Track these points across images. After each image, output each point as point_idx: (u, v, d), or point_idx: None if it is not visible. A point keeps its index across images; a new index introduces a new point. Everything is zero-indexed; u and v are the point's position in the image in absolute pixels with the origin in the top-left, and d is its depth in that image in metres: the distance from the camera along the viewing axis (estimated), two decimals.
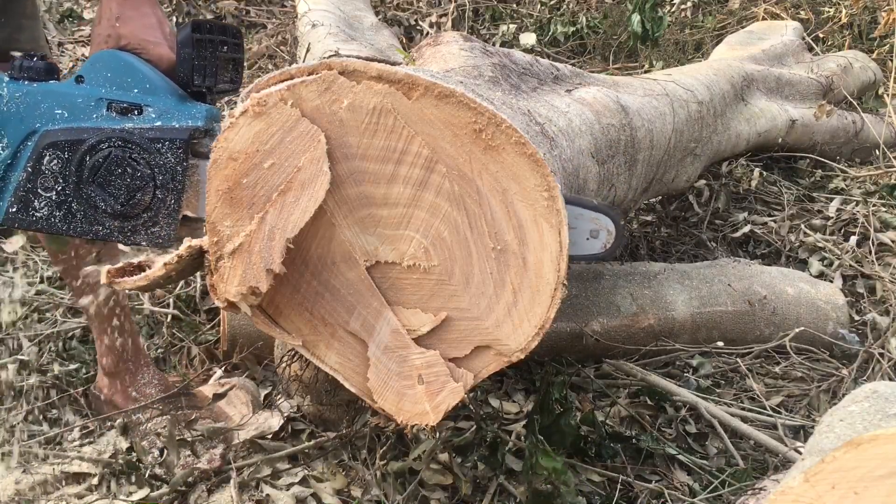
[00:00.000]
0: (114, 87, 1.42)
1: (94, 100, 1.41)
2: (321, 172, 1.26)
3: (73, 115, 1.41)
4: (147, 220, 1.39)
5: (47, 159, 1.40)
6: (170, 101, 1.40)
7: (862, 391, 1.24)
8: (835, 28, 4.93)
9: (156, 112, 1.39)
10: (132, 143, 1.38)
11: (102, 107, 1.40)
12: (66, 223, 1.42)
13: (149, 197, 1.38)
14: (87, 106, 1.41)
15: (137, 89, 1.41)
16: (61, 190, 1.41)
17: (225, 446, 2.08)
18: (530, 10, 5.35)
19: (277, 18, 5.34)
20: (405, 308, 1.34)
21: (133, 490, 1.99)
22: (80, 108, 1.41)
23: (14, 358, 2.46)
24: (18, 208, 1.43)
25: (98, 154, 1.38)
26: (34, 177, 1.41)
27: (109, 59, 1.44)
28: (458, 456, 2.00)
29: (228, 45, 1.52)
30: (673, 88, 2.81)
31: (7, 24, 1.92)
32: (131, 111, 1.40)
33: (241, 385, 2.29)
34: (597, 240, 1.66)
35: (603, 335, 2.43)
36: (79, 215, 1.41)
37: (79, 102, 1.41)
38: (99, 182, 1.39)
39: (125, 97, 1.41)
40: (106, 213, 1.40)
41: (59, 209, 1.42)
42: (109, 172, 1.38)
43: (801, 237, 3.28)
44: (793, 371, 2.50)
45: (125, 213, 1.39)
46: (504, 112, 1.29)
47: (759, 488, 1.42)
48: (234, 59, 1.55)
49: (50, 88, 1.44)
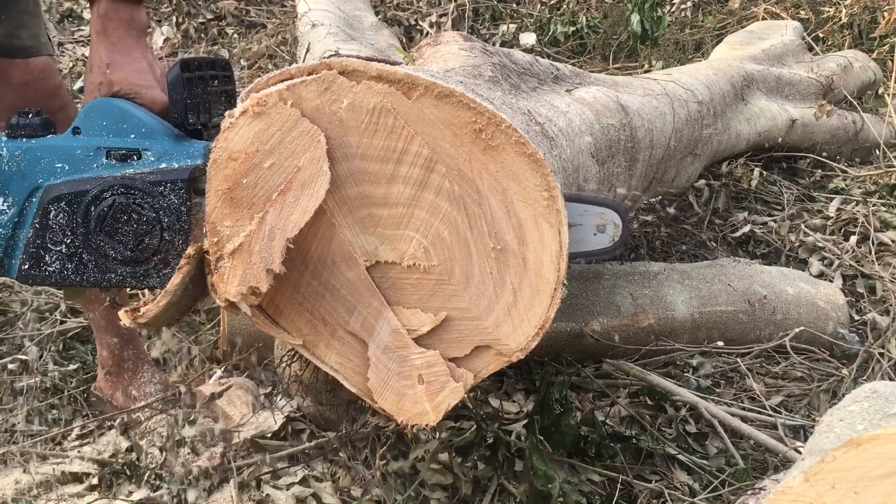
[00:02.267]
0: (111, 134, 1.42)
1: (93, 149, 1.41)
2: (321, 172, 1.26)
3: (74, 167, 1.41)
4: (158, 263, 1.40)
5: (53, 213, 1.41)
6: (167, 143, 1.41)
7: (862, 391, 1.24)
8: (835, 28, 4.92)
9: (154, 155, 1.39)
10: (135, 188, 1.38)
11: (102, 155, 1.41)
12: (78, 274, 1.43)
13: (157, 240, 1.39)
14: (87, 156, 1.41)
15: (134, 134, 1.41)
16: (70, 242, 1.42)
17: (225, 446, 2.08)
18: (530, 10, 5.35)
19: (277, 18, 5.34)
20: (405, 308, 1.34)
21: (133, 490, 1.99)
22: (79, 160, 1.41)
23: (14, 358, 2.47)
24: (30, 265, 1.44)
25: (102, 203, 1.39)
26: (42, 232, 1.42)
27: (103, 107, 1.44)
28: (459, 456, 2.00)
29: (219, 79, 1.52)
30: (673, 88, 2.81)
31: (7, 21, 1.92)
32: (130, 157, 1.40)
33: (241, 385, 2.29)
34: (604, 234, 1.66)
35: (603, 335, 2.43)
36: (90, 265, 1.42)
37: (78, 154, 1.41)
38: (106, 231, 1.39)
39: (123, 143, 1.41)
40: (117, 261, 1.41)
41: (71, 261, 1.42)
42: (116, 220, 1.39)
43: (801, 237, 3.28)
44: (793, 371, 2.50)
45: (135, 258, 1.40)
46: (504, 112, 1.29)
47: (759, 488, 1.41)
48: (226, 91, 1.55)
49: (48, 143, 1.44)
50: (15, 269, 1.45)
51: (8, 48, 1.93)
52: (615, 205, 1.67)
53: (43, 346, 2.54)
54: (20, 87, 1.97)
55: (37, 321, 2.68)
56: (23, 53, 1.96)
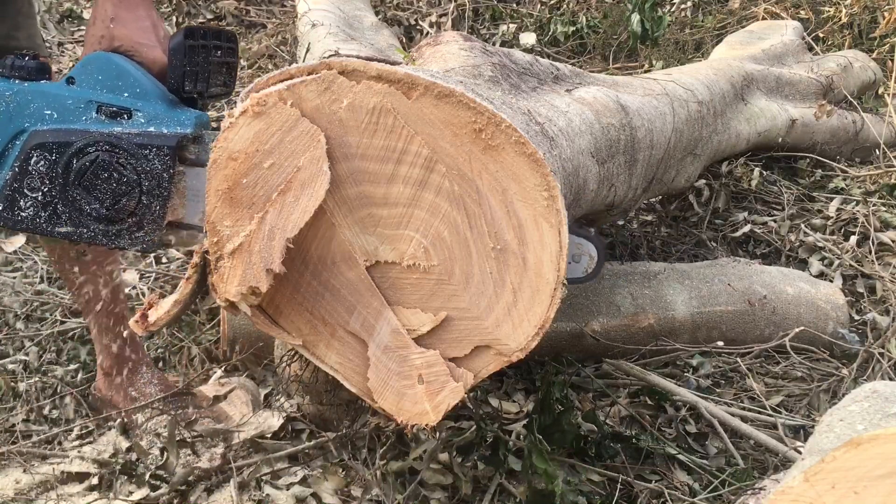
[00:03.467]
0: (104, 89, 1.41)
1: (84, 102, 1.41)
2: (321, 172, 1.26)
3: (63, 117, 1.41)
4: (132, 225, 1.39)
5: (34, 160, 1.40)
6: (160, 107, 1.40)
7: (862, 391, 1.24)
8: (835, 28, 4.92)
9: (145, 117, 1.39)
10: (120, 147, 1.38)
11: (92, 109, 1.40)
12: (50, 224, 1.42)
13: (134, 202, 1.38)
14: (77, 108, 1.41)
15: (128, 93, 1.41)
16: (47, 191, 1.41)
17: (225, 446, 2.08)
18: (530, 9, 5.35)
19: (277, 18, 5.34)
20: (405, 308, 1.34)
21: (133, 490, 1.99)
22: (69, 110, 1.41)
23: (14, 358, 2.47)
24: (4, 207, 1.43)
25: (85, 158, 1.38)
26: (21, 176, 1.41)
27: (101, 61, 1.44)
28: (459, 456, 2.00)
29: (222, 50, 1.52)
30: (673, 88, 2.81)
31: (3, 23, 1.92)
32: (121, 115, 1.39)
33: (241, 385, 2.29)
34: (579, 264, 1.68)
35: (603, 335, 2.43)
36: (64, 217, 1.41)
37: (68, 104, 1.41)
38: (85, 185, 1.39)
39: (115, 101, 1.40)
40: (91, 217, 1.40)
41: (45, 210, 1.42)
42: (96, 176, 1.38)
43: (801, 237, 3.28)
44: (793, 371, 2.50)
45: (110, 217, 1.39)
46: (504, 112, 1.29)
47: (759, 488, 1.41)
48: (228, 62, 1.55)
49: (40, 88, 1.44)
50: None
51: (4, 49, 1.93)
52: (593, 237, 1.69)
53: (43, 346, 2.54)
54: None
55: (37, 321, 2.68)
56: None
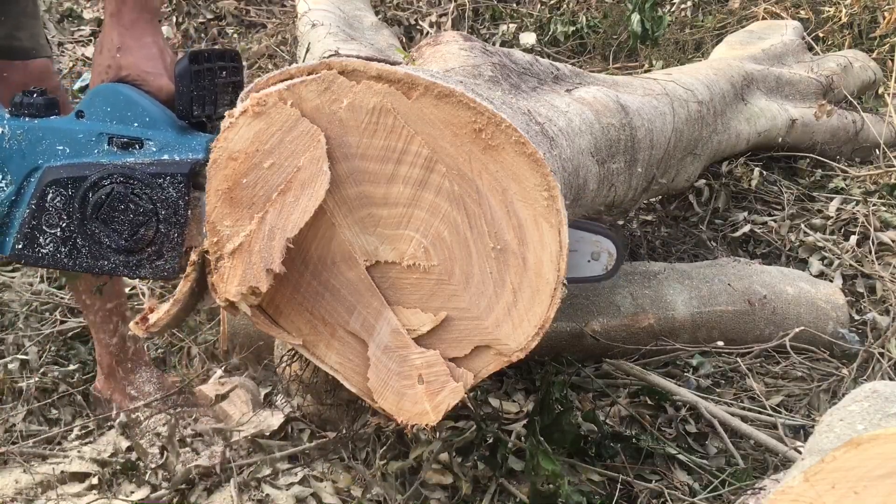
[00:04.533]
0: (114, 121, 1.42)
1: (95, 135, 1.41)
2: (321, 172, 1.26)
3: (75, 151, 1.41)
4: (151, 254, 1.40)
5: (51, 196, 1.41)
6: (170, 134, 1.40)
7: (862, 391, 1.24)
8: (835, 28, 4.92)
9: (156, 145, 1.39)
10: (134, 178, 1.38)
11: (103, 142, 1.40)
12: (71, 259, 1.43)
13: (152, 232, 1.39)
14: (88, 141, 1.41)
15: (138, 123, 1.41)
16: (66, 226, 1.42)
17: (225, 444, 2.08)
18: (530, 9, 5.35)
19: (277, 18, 5.34)
20: (405, 308, 1.34)
21: (133, 490, 1.99)
22: (81, 144, 1.41)
23: (14, 358, 2.47)
24: (24, 245, 1.44)
25: (101, 191, 1.39)
26: (38, 213, 1.42)
27: (109, 93, 1.44)
28: (459, 456, 2.00)
29: (227, 70, 1.52)
30: (673, 88, 2.81)
31: (6, 22, 1.92)
32: (132, 145, 1.40)
33: (242, 384, 2.29)
34: (598, 262, 1.67)
35: (603, 335, 2.43)
36: (84, 251, 1.42)
37: (80, 138, 1.41)
38: (102, 218, 1.39)
39: (126, 131, 1.41)
40: (111, 249, 1.41)
41: (65, 245, 1.42)
42: (112, 209, 1.39)
43: (801, 237, 3.28)
44: (793, 371, 2.50)
45: (129, 248, 1.40)
46: (504, 111, 1.29)
47: (759, 488, 1.41)
48: (234, 82, 1.55)
49: (51, 125, 1.44)
50: (9, 248, 1.45)
51: (7, 50, 1.93)
52: (611, 234, 1.69)
53: (43, 346, 2.54)
54: (18, 89, 1.96)
55: (37, 321, 2.68)
56: (21, 55, 1.96)
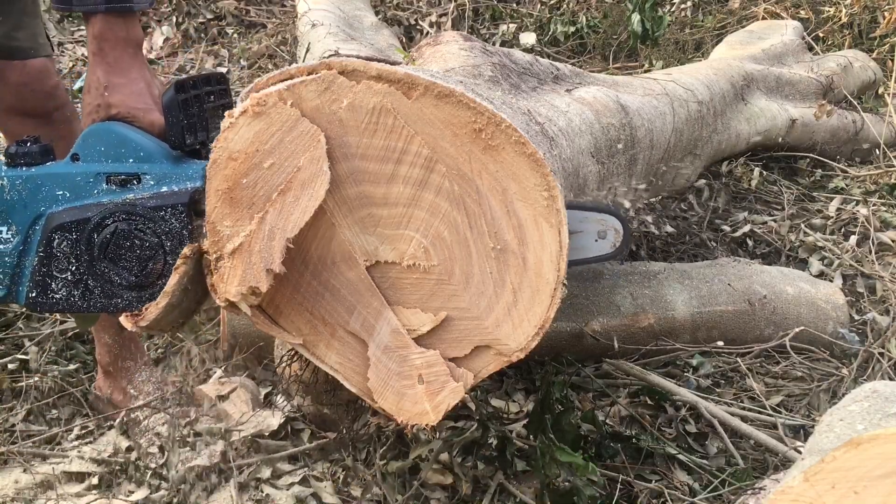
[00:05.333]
0: (109, 159, 1.42)
1: (93, 175, 1.42)
2: (321, 172, 1.26)
3: (75, 194, 1.42)
4: (162, 286, 1.40)
5: (57, 242, 1.42)
6: (166, 166, 1.41)
7: (862, 391, 1.24)
8: (835, 27, 4.92)
9: (154, 178, 1.40)
10: (136, 214, 1.39)
11: (101, 181, 1.41)
12: (85, 301, 1.44)
13: (160, 264, 1.39)
14: (87, 183, 1.42)
15: (133, 158, 1.42)
16: (76, 269, 1.43)
17: (225, 444, 2.08)
18: (530, 9, 5.35)
19: (277, 18, 5.34)
20: (405, 308, 1.34)
21: (133, 490, 1.99)
22: (80, 186, 1.42)
23: (14, 358, 2.46)
24: (38, 293, 1.45)
25: (105, 230, 1.40)
26: (47, 260, 1.43)
27: (101, 132, 1.45)
28: (459, 456, 2.00)
29: (215, 94, 1.53)
30: (673, 88, 2.81)
31: (5, 22, 1.92)
32: (130, 181, 1.41)
33: (242, 384, 2.29)
34: (605, 240, 1.67)
35: (603, 335, 2.43)
36: (96, 291, 1.43)
37: (78, 181, 1.42)
38: (110, 258, 1.40)
39: (122, 168, 1.41)
40: (122, 286, 1.42)
41: (77, 288, 1.43)
42: (119, 247, 1.40)
43: (801, 237, 3.28)
44: (793, 371, 2.50)
45: (140, 283, 1.41)
46: (504, 111, 1.29)
47: (758, 488, 1.41)
48: (223, 104, 1.55)
49: (48, 171, 1.45)
50: (23, 297, 1.46)
51: (6, 49, 1.93)
52: (616, 211, 1.68)
53: (43, 346, 2.54)
54: (18, 88, 1.96)
55: (37, 321, 2.68)
56: (21, 55, 1.96)
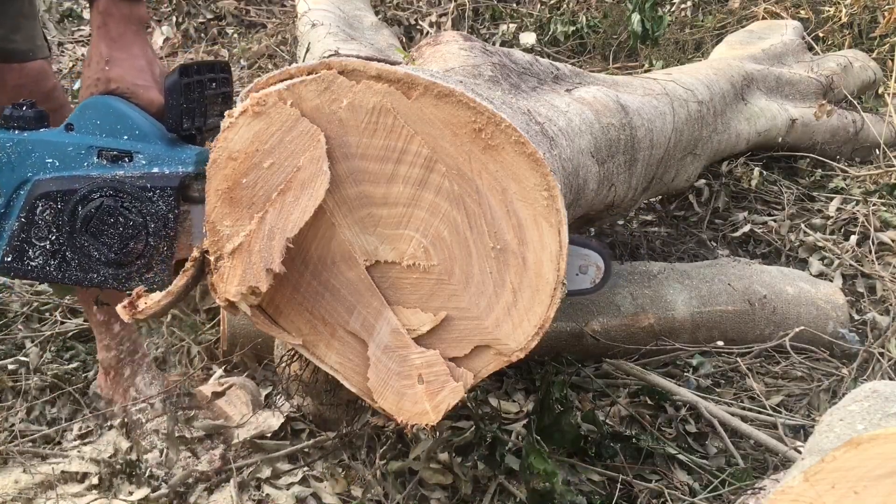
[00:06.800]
0: (104, 134, 1.42)
1: (85, 148, 1.41)
2: (321, 172, 1.26)
3: (64, 164, 1.41)
4: (141, 267, 1.40)
5: (40, 209, 1.41)
6: (160, 148, 1.41)
7: (862, 391, 1.24)
8: (835, 27, 4.92)
9: (146, 158, 1.40)
10: (123, 191, 1.38)
11: (93, 154, 1.41)
12: (60, 272, 1.43)
13: (142, 245, 1.39)
14: (78, 154, 1.41)
15: (127, 136, 1.41)
16: (55, 239, 1.42)
17: (225, 446, 2.08)
18: (530, 9, 5.35)
19: (277, 18, 5.34)
20: (405, 308, 1.34)
21: (133, 490, 1.99)
22: (70, 157, 1.41)
23: (14, 358, 2.46)
24: (13, 258, 1.44)
25: (90, 204, 1.39)
26: (28, 227, 1.42)
27: (99, 105, 1.44)
28: (458, 456, 2.00)
29: (217, 81, 1.53)
30: (673, 88, 2.81)
31: (3, 24, 1.91)
32: (122, 158, 1.40)
33: (241, 384, 2.28)
34: (586, 275, 1.68)
35: (603, 335, 2.43)
36: (73, 264, 1.42)
37: (69, 151, 1.41)
38: (92, 232, 1.40)
39: (115, 144, 1.41)
40: (100, 262, 1.41)
41: (54, 258, 1.42)
42: (102, 222, 1.39)
43: (801, 237, 3.28)
44: (793, 370, 2.50)
45: (119, 261, 1.40)
46: (504, 111, 1.29)
47: (758, 488, 1.41)
48: (224, 93, 1.55)
49: (40, 137, 1.44)
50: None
51: (3, 52, 1.92)
52: (599, 248, 1.70)
53: (43, 346, 2.54)
54: (14, 90, 1.96)
55: (37, 321, 2.68)
56: (18, 57, 1.95)
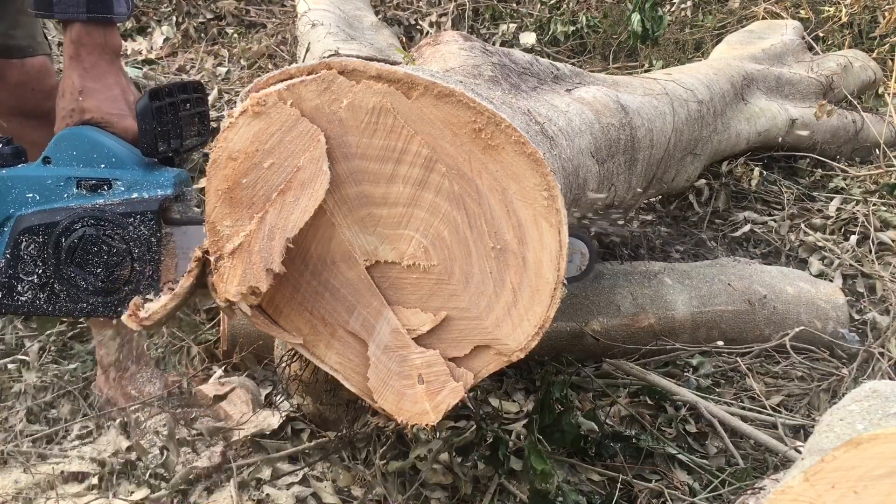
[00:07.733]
0: (81, 164, 1.42)
1: (63, 179, 1.42)
2: (321, 172, 1.26)
3: (45, 197, 1.42)
4: (129, 293, 1.40)
5: (24, 244, 1.42)
6: (137, 173, 1.41)
7: (862, 390, 1.24)
8: (835, 27, 4.92)
9: (125, 185, 1.40)
10: (104, 220, 1.39)
11: (72, 185, 1.41)
12: (50, 304, 1.44)
13: (127, 271, 1.40)
14: (57, 186, 1.42)
15: (104, 164, 1.42)
16: (42, 273, 1.42)
17: (225, 445, 2.08)
18: (530, 9, 5.35)
19: (277, 18, 5.34)
20: (405, 307, 1.34)
21: (133, 490, 1.99)
22: (50, 190, 1.42)
23: (14, 358, 2.46)
24: (3, 294, 1.44)
25: (73, 235, 1.40)
26: (14, 262, 1.43)
27: (74, 136, 1.45)
28: (459, 456, 2.00)
29: (191, 101, 1.53)
30: (673, 88, 2.81)
31: (3, 20, 1.91)
32: (101, 187, 1.41)
33: (242, 384, 2.29)
34: (572, 263, 1.68)
35: (603, 335, 2.43)
36: (62, 295, 1.43)
37: (48, 184, 1.42)
38: (77, 262, 1.40)
39: (93, 173, 1.42)
40: (88, 291, 1.41)
41: (43, 291, 1.43)
42: (86, 252, 1.40)
43: (801, 236, 3.28)
44: (793, 370, 2.50)
45: (107, 288, 1.41)
46: (504, 111, 1.29)
47: (758, 487, 1.41)
48: (199, 112, 1.55)
49: (19, 173, 1.45)
50: None
51: (4, 48, 1.93)
52: (582, 235, 1.70)
53: (43, 346, 2.54)
54: (16, 87, 1.96)
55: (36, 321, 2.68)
56: (19, 53, 1.95)
